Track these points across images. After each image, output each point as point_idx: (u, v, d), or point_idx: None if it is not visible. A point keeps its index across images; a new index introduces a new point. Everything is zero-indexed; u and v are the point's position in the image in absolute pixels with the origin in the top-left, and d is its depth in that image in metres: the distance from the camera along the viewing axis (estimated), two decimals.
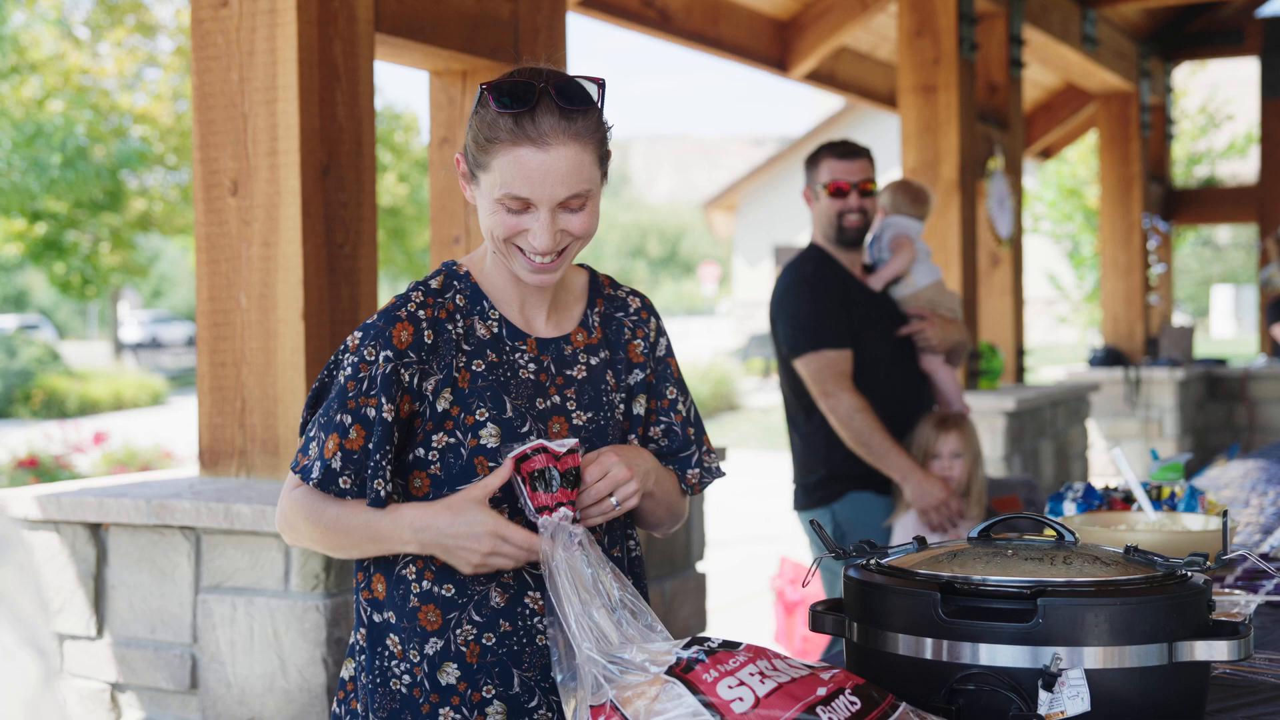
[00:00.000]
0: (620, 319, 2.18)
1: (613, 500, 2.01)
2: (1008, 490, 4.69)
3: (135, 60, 20.77)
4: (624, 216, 60.93)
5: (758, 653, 1.69)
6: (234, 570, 3.08)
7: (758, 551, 8.83)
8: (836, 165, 4.23)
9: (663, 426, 2.19)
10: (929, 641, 1.79)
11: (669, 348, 2.22)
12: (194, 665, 3.13)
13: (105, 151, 19.49)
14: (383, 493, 1.97)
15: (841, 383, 4.15)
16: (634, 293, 2.22)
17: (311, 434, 2.01)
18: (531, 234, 1.97)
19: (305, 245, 3.27)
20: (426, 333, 2.00)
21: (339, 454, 1.96)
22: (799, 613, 6.26)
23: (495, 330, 2.07)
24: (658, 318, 2.22)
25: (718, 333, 37.64)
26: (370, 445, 1.96)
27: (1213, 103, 19.28)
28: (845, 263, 4.33)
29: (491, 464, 2.00)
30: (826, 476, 4.26)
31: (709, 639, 1.73)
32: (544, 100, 1.94)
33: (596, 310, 2.17)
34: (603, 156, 2.02)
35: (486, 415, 2.01)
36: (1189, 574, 1.86)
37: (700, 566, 4.34)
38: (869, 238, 4.42)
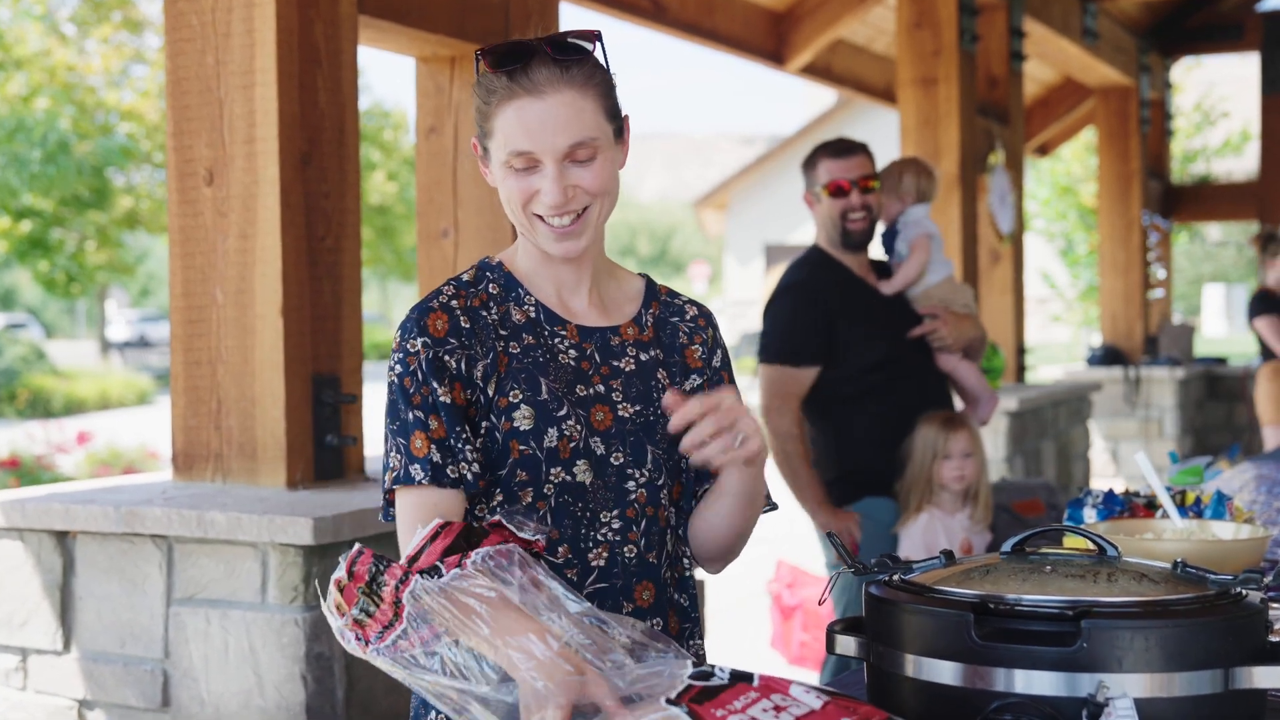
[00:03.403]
0: (675, 323, 2.09)
1: (735, 437, 1.80)
2: (1028, 494, 4.54)
3: (122, 57, 20.60)
4: (614, 214, 60.67)
5: (771, 686, 1.53)
6: (208, 581, 2.91)
7: (752, 553, 8.69)
8: (834, 164, 4.11)
9: None
10: (961, 667, 1.63)
11: (726, 361, 2.12)
12: (166, 681, 2.96)
13: (90, 148, 19.29)
14: (469, 475, 1.87)
15: (788, 403, 4.10)
16: (692, 302, 2.14)
17: (389, 445, 1.90)
18: (542, 192, 1.89)
19: (284, 238, 3.11)
20: (462, 318, 1.93)
21: (433, 446, 1.87)
22: (796, 617, 6.11)
23: (532, 315, 1.99)
24: (716, 330, 2.13)
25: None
26: (447, 429, 1.88)
27: (1208, 100, 19.18)
28: (851, 265, 4.19)
29: (523, 447, 1.89)
30: (839, 481, 4.13)
31: (715, 671, 1.56)
32: (537, 55, 1.89)
33: (651, 311, 2.08)
34: (610, 110, 1.95)
35: (520, 397, 1.91)
36: (1244, 592, 1.70)
37: (698, 574, 4.18)
38: (881, 228, 4.29)
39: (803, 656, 5.94)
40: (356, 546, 1.71)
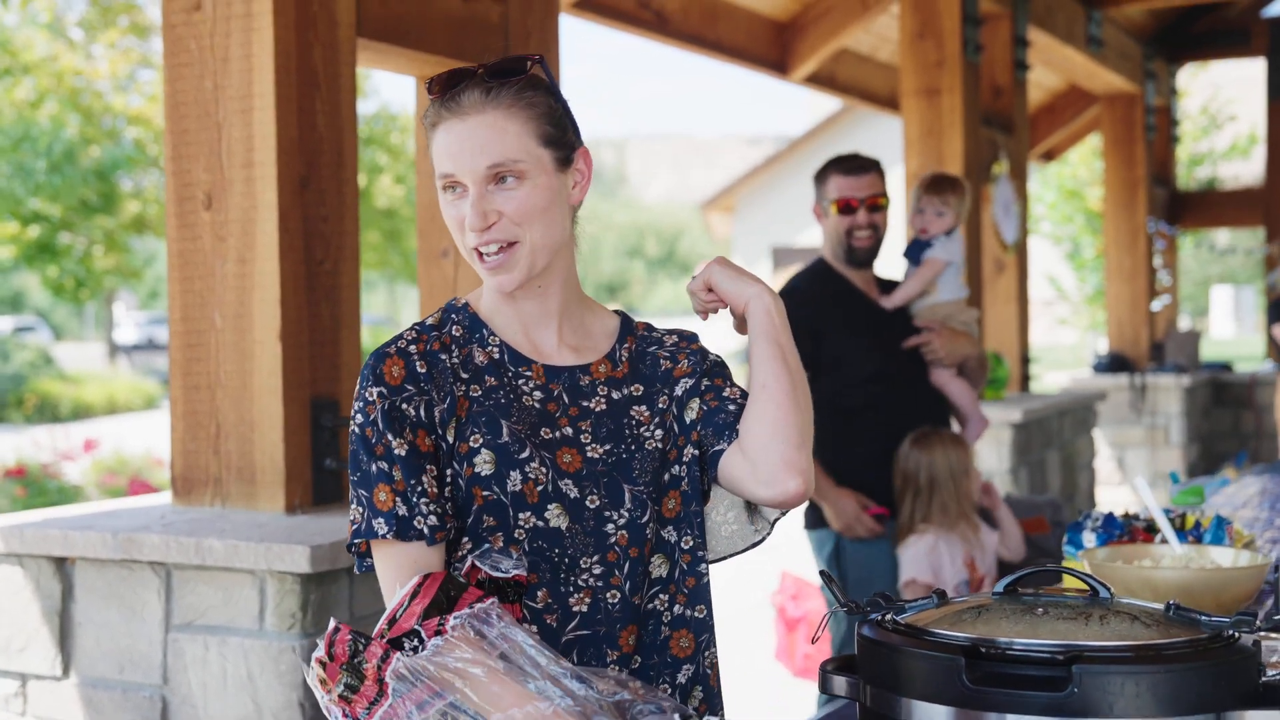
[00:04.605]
0: (654, 352, 2.03)
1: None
2: (1033, 511, 4.53)
3: (129, 62, 20.61)
4: (621, 216, 60.79)
5: None
6: (206, 607, 2.91)
7: (756, 561, 8.67)
8: (844, 181, 4.11)
9: (740, 389, 2.02)
10: (952, 711, 1.63)
11: (722, 363, 2.07)
12: (164, 708, 2.96)
13: (98, 153, 19.31)
14: (425, 529, 1.81)
15: None
16: (672, 331, 2.09)
17: (351, 496, 1.86)
18: (465, 216, 1.86)
19: (283, 262, 3.11)
20: (419, 363, 1.87)
21: (398, 499, 1.81)
22: (801, 629, 6.10)
23: (496, 356, 1.94)
24: (702, 345, 2.08)
25: (716, 334, 37.45)
26: (408, 482, 1.82)
27: (1214, 103, 19.13)
28: (853, 279, 4.22)
29: (486, 493, 1.84)
30: None
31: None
32: (471, 79, 1.88)
33: (626, 346, 2.03)
34: (547, 136, 1.89)
35: (481, 441, 1.85)
36: (1237, 635, 1.69)
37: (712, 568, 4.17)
38: (898, 235, 4.30)
39: (807, 669, 5.93)
40: (333, 624, 1.71)
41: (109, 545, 2.96)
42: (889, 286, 4.36)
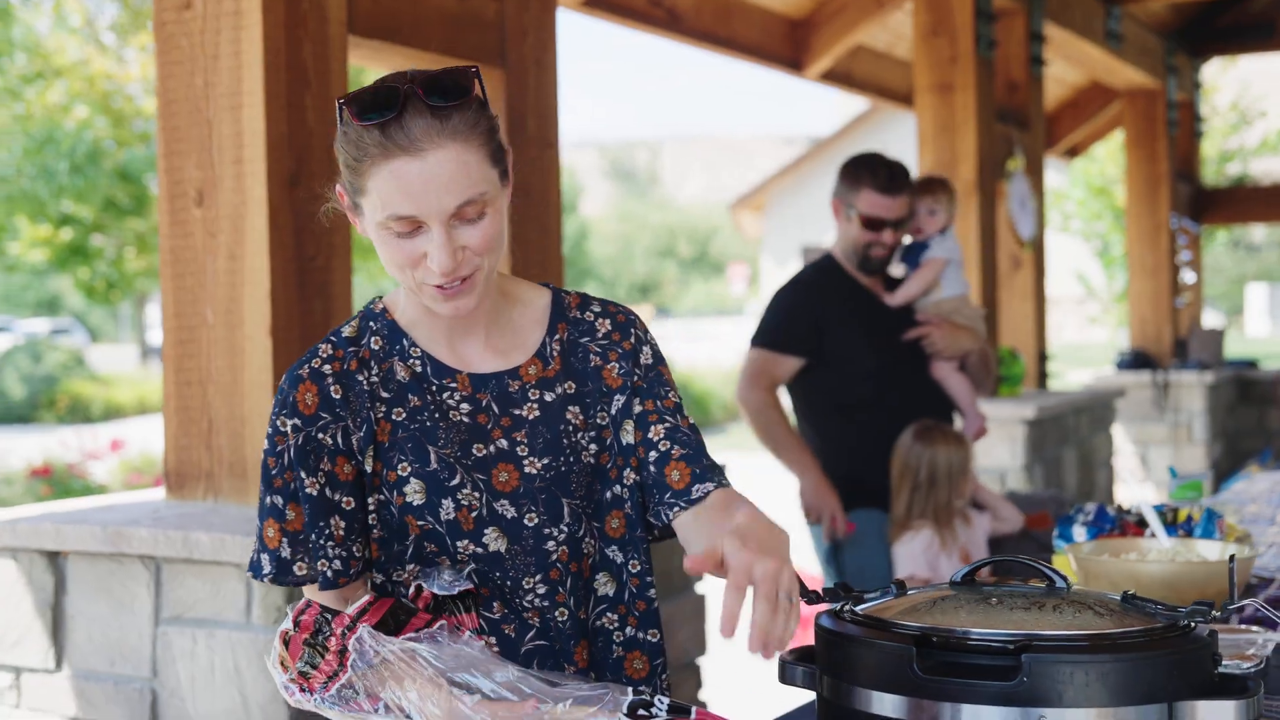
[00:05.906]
0: (585, 344, 1.90)
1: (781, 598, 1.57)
2: (1037, 506, 4.52)
3: None
4: (654, 217, 60.81)
5: None
6: (194, 601, 2.93)
7: None
8: (876, 199, 4.08)
9: (666, 425, 1.87)
10: (904, 700, 1.63)
11: (657, 354, 1.93)
12: (154, 700, 2.98)
13: (126, 156, 19.44)
14: (329, 573, 1.75)
15: (760, 381, 4.14)
16: (606, 313, 1.93)
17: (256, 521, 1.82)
18: (431, 258, 1.70)
19: (273, 258, 3.12)
20: (333, 388, 1.79)
21: (284, 539, 1.76)
22: (809, 625, 6.09)
23: (418, 369, 1.83)
24: (639, 329, 1.93)
25: (746, 333, 37.43)
26: (307, 522, 1.75)
27: (1245, 99, 18.97)
28: (860, 278, 4.22)
29: (420, 522, 1.78)
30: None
31: (654, 702, 1.57)
32: (411, 102, 1.67)
33: (558, 337, 1.89)
34: (495, 155, 1.73)
35: (409, 470, 1.78)
36: (1192, 624, 1.68)
37: (699, 588, 4.17)
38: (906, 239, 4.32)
39: None
40: (305, 599, 1.72)
41: (99, 539, 2.98)
42: (894, 284, 4.36)
